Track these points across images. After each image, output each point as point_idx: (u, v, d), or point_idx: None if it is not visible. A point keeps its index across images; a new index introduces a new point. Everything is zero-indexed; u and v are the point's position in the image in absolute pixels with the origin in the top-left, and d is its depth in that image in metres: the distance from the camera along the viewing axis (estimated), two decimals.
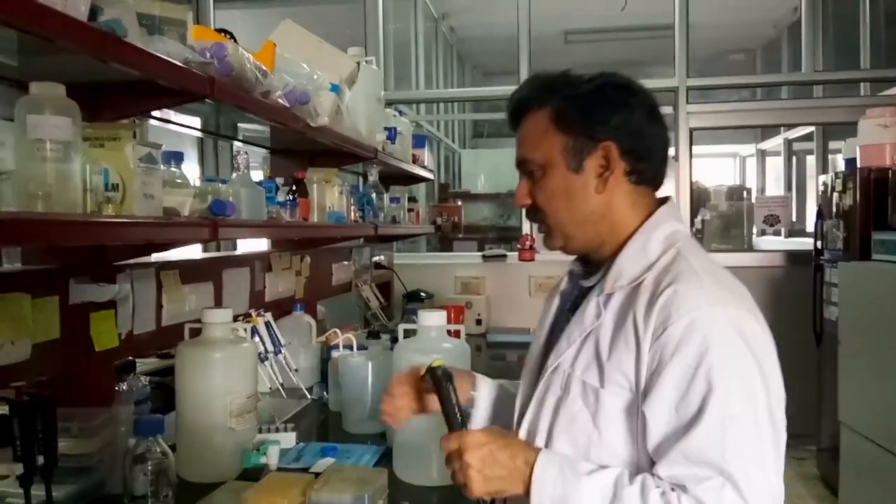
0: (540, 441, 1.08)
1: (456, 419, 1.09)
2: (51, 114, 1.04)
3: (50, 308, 1.32)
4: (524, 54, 4.31)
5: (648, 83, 1.32)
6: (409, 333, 1.59)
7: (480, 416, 1.31)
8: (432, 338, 1.50)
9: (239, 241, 2.60)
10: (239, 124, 2.34)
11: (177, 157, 1.43)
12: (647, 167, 1.12)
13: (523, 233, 4.24)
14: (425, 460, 1.47)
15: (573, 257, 1.23)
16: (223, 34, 1.59)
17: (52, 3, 0.95)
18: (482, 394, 1.32)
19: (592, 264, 1.17)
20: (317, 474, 1.36)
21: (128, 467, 1.30)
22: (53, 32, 0.97)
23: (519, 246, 4.19)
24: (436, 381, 1.12)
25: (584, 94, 1.09)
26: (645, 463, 1.01)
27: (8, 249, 1.42)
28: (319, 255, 2.73)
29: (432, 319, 1.51)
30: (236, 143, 2.42)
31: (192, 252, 2.15)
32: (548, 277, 4.06)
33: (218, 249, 2.67)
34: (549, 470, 0.99)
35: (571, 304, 1.19)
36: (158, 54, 1.21)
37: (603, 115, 1.08)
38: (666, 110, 1.39)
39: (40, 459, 1.03)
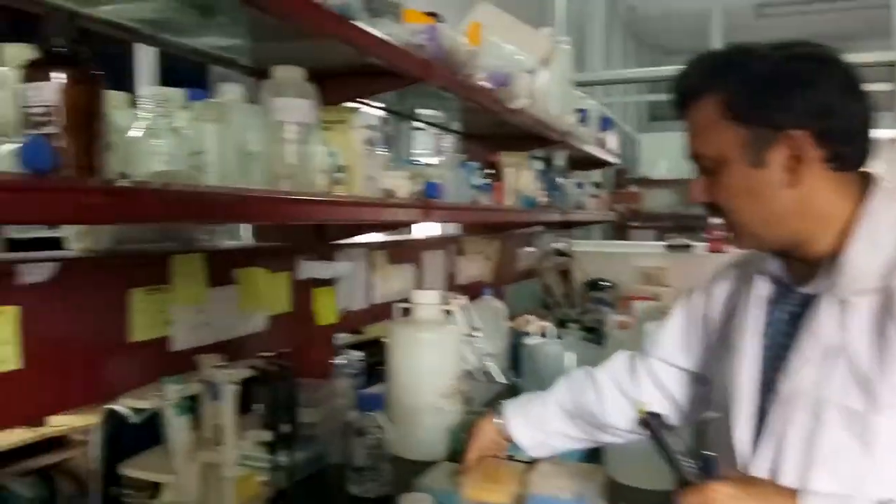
0: (790, 480, 0.92)
1: (687, 470, 0.94)
2: (293, 96, 1.09)
3: (282, 283, 1.41)
4: (716, 30, 4.00)
5: (859, 58, 1.09)
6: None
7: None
8: (647, 331, 1.41)
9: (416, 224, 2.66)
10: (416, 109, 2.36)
11: (393, 139, 1.46)
12: (849, 150, 0.92)
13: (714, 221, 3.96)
14: (641, 460, 1.39)
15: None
16: (431, 16, 1.60)
17: None
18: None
19: (794, 264, 0.98)
20: (523, 462, 1.35)
21: (349, 439, 1.36)
22: (290, 11, 1.00)
23: (708, 236, 3.91)
24: (653, 431, 0.99)
25: (760, 75, 0.91)
26: None
27: (244, 226, 1.53)
28: (506, 241, 2.72)
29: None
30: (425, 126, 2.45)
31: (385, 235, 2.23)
32: None
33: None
34: None
35: (783, 312, 1.00)
36: (384, 37, 1.23)
37: (785, 100, 0.89)
38: (881, 87, 1.15)
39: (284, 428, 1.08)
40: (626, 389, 1.20)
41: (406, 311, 1.58)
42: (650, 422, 0.98)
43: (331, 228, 1.53)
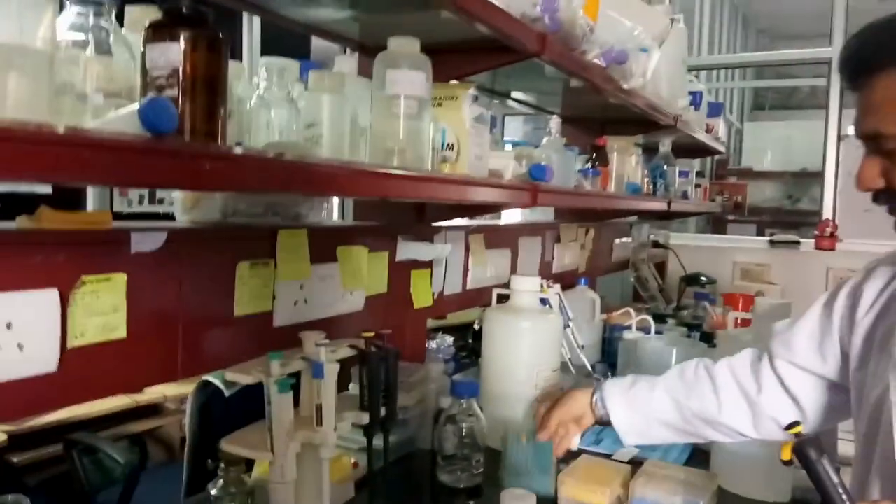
0: None
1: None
2: (407, 69, 1.04)
3: (381, 263, 1.38)
4: (839, 15, 3.70)
5: None
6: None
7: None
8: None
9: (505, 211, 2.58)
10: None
11: (491, 121, 1.39)
12: None
13: (823, 217, 3.70)
14: (752, 468, 1.28)
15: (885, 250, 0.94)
16: None
17: None
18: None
19: None
20: (621, 462, 1.27)
21: (441, 425, 1.32)
22: None
23: (817, 232, 3.66)
24: (807, 461, 0.82)
25: None
26: None
27: (343, 205, 1.51)
28: (602, 230, 2.61)
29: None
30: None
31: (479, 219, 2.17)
32: (850, 270, 3.50)
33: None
34: None
35: None
36: (500, 5, 1.15)
37: None
38: None
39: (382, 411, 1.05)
40: (748, 390, 1.11)
41: (502, 298, 1.52)
42: (804, 451, 0.81)
43: (431, 209, 1.48)
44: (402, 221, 1.46)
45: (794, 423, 0.85)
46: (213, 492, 1.09)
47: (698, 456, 1.42)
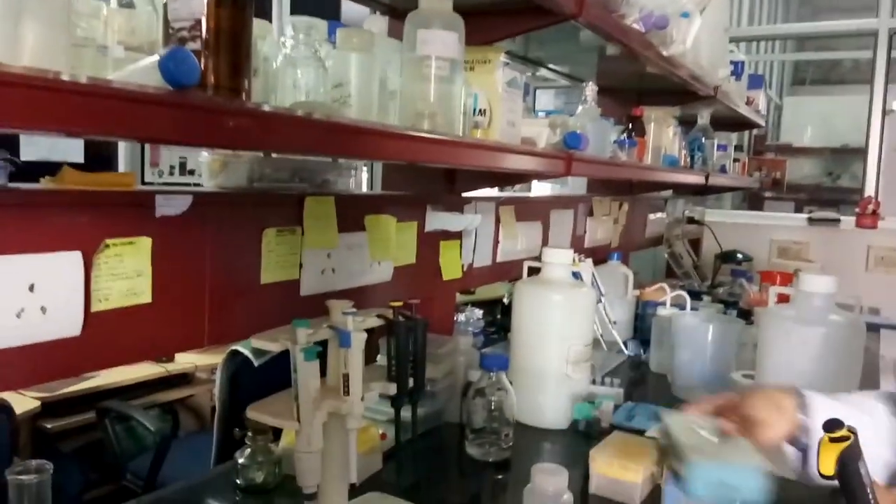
0: None
1: None
2: (439, 28, 0.99)
3: (409, 233, 1.34)
4: None
5: None
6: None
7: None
8: (815, 307, 1.24)
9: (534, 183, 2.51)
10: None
11: (524, 88, 1.34)
12: None
13: (865, 195, 3.58)
14: None
15: None
16: None
17: None
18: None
19: None
20: (655, 438, 1.23)
21: (470, 399, 1.29)
22: None
23: (858, 210, 3.54)
24: (849, 469, 0.69)
25: None
26: None
27: (372, 176, 1.47)
28: (636, 204, 2.55)
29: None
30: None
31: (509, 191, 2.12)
32: (891, 249, 3.38)
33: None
34: None
35: None
36: None
37: None
38: None
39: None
40: None
41: (533, 271, 1.49)
42: (849, 462, 0.67)
43: (461, 178, 1.44)
44: (431, 191, 1.42)
45: (837, 422, 0.70)
46: (241, 460, 1.08)
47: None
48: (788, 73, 7.04)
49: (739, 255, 3.05)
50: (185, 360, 2.92)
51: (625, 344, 2.05)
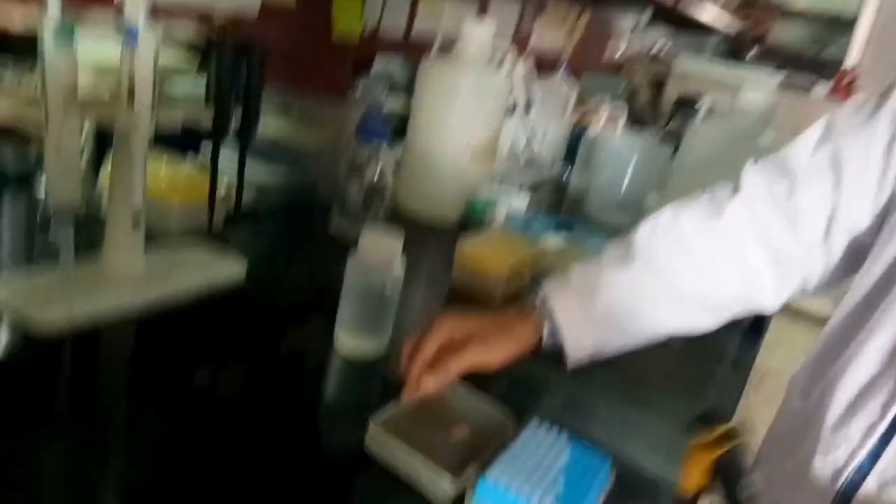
0: None
1: None
2: None
3: None
4: None
5: None
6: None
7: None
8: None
9: None
10: None
11: None
12: None
13: (844, 66, 3.36)
14: None
15: None
16: None
17: None
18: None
19: None
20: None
21: (343, 175, 1.12)
22: None
23: (834, 81, 3.34)
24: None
25: None
26: None
27: None
28: (599, 18, 2.28)
29: None
30: None
31: None
32: None
33: None
34: None
35: None
36: None
37: None
38: None
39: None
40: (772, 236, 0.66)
41: (445, 46, 1.26)
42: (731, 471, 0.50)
43: None
44: None
45: (711, 414, 0.53)
46: None
47: None
48: None
49: (696, 103, 2.85)
50: None
51: (551, 163, 1.90)
